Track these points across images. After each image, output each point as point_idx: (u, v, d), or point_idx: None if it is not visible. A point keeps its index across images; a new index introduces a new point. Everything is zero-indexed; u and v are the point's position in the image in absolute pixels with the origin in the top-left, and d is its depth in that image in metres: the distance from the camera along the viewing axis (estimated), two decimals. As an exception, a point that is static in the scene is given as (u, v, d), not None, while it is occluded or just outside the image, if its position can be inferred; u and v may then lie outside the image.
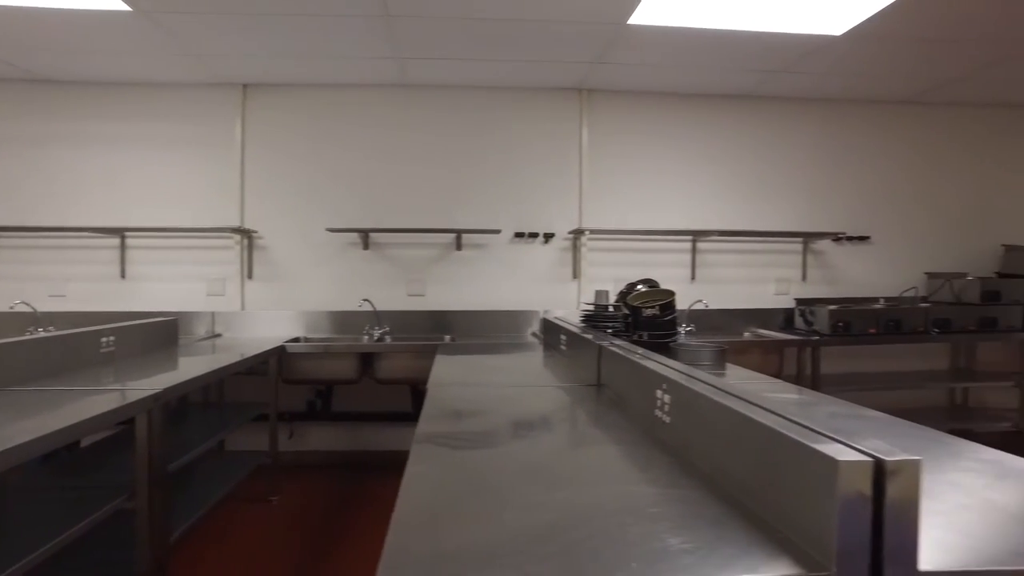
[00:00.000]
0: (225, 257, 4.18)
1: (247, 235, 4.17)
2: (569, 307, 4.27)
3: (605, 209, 4.34)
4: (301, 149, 4.21)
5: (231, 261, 4.18)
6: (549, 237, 4.31)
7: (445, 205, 4.27)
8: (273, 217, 4.20)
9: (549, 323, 3.44)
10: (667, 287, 2.88)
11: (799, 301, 4.34)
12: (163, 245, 4.15)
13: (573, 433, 1.56)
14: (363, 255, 4.24)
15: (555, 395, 2.03)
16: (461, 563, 0.85)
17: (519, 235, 4.29)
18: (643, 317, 2.72)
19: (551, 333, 3.33)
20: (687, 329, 4.12)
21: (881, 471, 0.80)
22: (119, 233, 4.08)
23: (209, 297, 4.17)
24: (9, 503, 2.06)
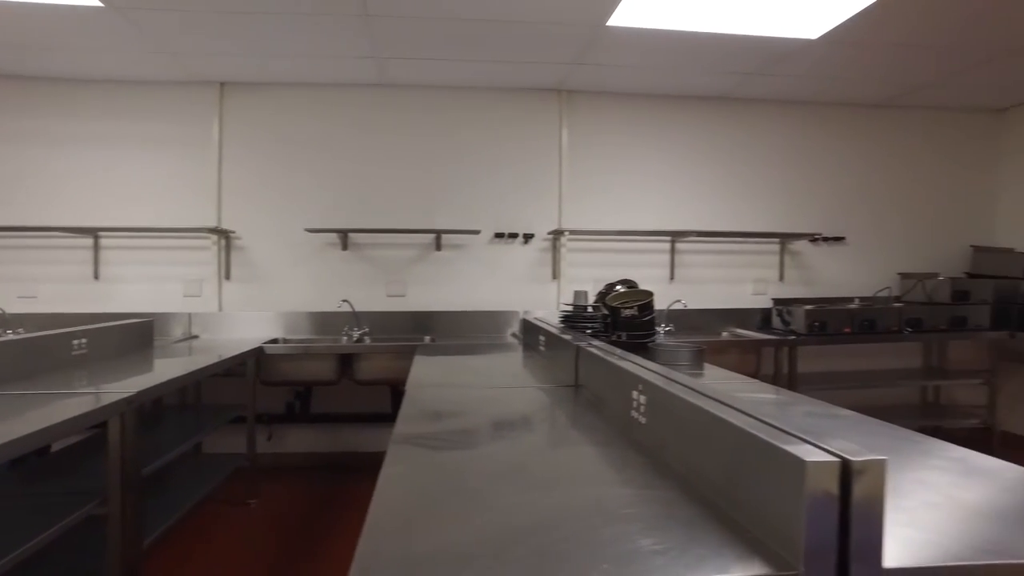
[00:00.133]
0: (202, 258, 4.13)
1: (224, 235, 4.12)
2: (549, 308, 4.28)
3: (585, 210, 4.36)
4: (280, 148, 4.17)
5: (208, 262, 4.13)
6: (529, 238, 4.31)
7: (425, 205, 4.25)
8: (251, 217, 4.15)
9: (528, 324, 3.44)
10: (646, 287, 2.90)
11: (776, 301, 4.39)
12: (138, 245, 4.08)
13: (550, 434, 1.56)
14: (342, 255, 4.22)
15: (533, 396, 2.03)
16: (433, 566, 0.85)
17: (499, 235, 4.29)
18: (622, 318, 2.74)
19: (530, 334, 3.33)
20: (666, 329, 4.15)
21: (848, 471, 0.81)
22: (92, 233, 4.01)
23: (186, 298, 4.11)
24: (-24, 510, 2.02)
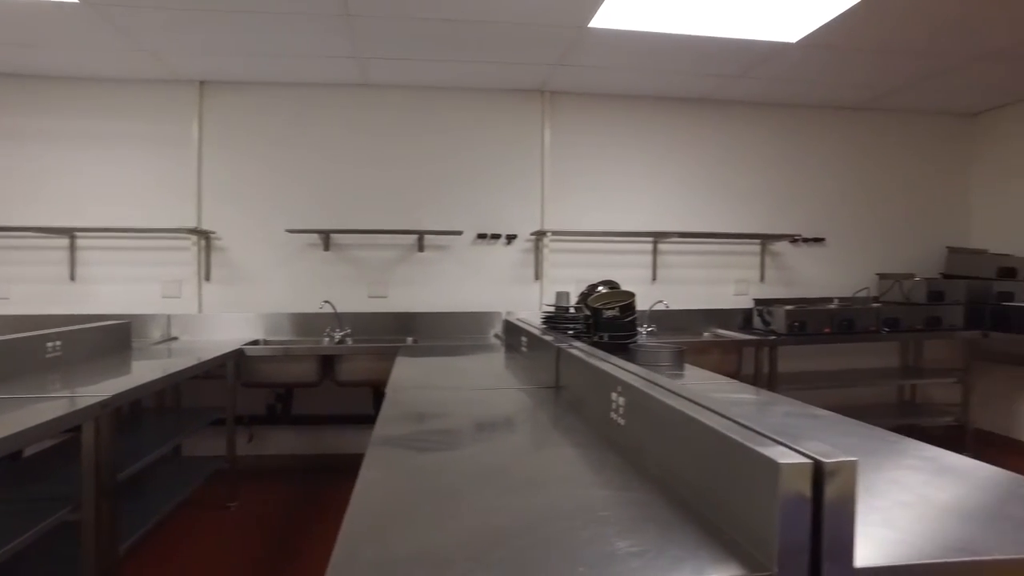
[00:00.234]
0: (182, 258, 4.08)
1: (204, 236, 4.07)
2: (532, 308, 4.29)
3: (567, 210, 4.37)
4: (261, 148, 4.13)
5: (188, 262, 4.08)
6: (511, 238, 4.31)
7: (407, 206, 4.24)
8: (232, 217, 4.11)
9: (510, 325, 3.44)
10: (628, 288, 2.91)
11: (757, 301, 4.44)
12: (116, 246, 4.02)
13: (530, 436, 1.56)
14: (324, 256, 4.19)
15: (514, 397, 2.03)
16: (410, 570, 0.85)
17: (481, 236, 4.28)
18: (604, 318, 2.75)
19: (512, 335, 3.34)
20: (648, 330, 4.17)
21: (820, 472, 0.82)
22: (68, 233, 3.94)
23: (165, 299, 4.06)
24: (-54, 516, 1.97)
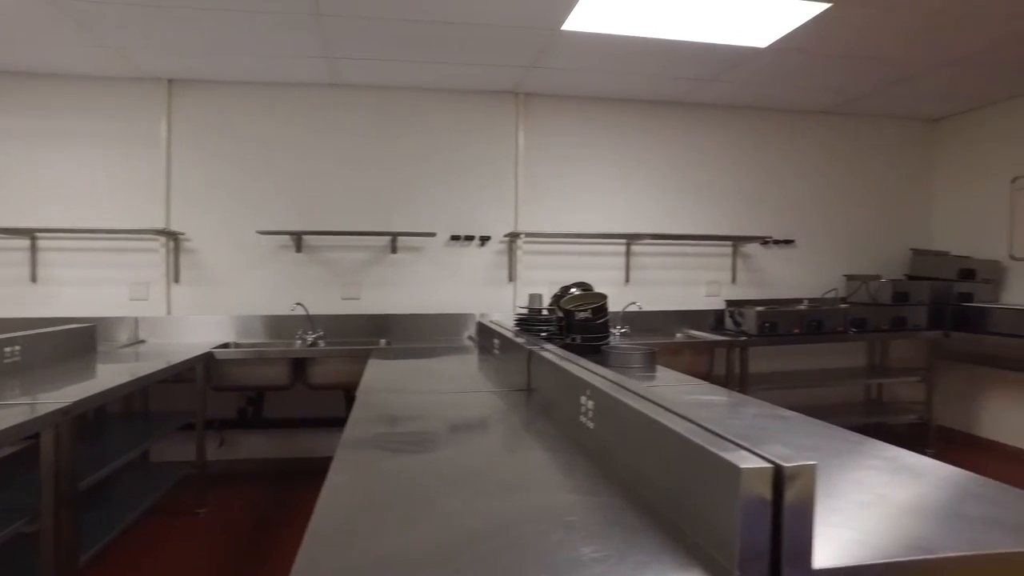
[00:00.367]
0: (150, 260, 4.00)
1: (173, 237, 4.00)
2: (506, 310, 4.29)
3: (541, 212, 4.38)
4: (231, 148, 4.07)
5: (156, 264, 4.00)
6: (485, 240, 4.31)
7: (380, 207, 4.21)
8: (201, 218, 4.04)
9: (484, 327, 3.44)
10: (602, 290, 2.92)
11: (729, 303, 4.49)
12: (81, 247, 3.93)
13: (501, 440, 1.56)
14: (296, 258, 4.14)
15: (485, 400, 2.03)
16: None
17: (455, 238, 4.27)
18: (576, 320, 2.76)
19: (485, 337, 3.33)
20: (621, 331, 4.20)
21: (780, 476, 0.83)
22: (29, 234, 3.84)
23: (132, 302, 3.97)
24: None
